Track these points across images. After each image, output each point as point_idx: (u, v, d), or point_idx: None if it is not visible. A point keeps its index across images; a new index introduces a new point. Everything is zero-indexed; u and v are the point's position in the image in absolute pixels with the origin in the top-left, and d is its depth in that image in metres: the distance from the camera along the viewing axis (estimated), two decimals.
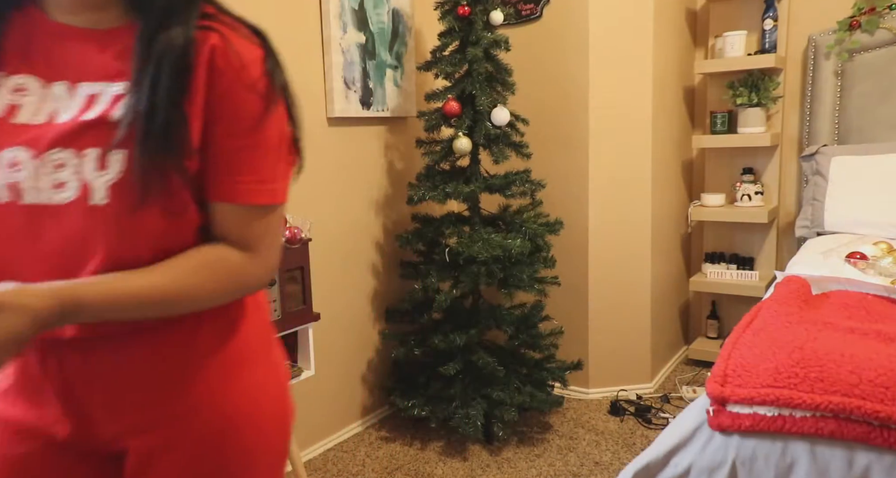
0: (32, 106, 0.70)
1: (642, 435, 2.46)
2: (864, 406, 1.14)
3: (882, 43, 2.70)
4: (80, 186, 0.68)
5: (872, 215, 2.51)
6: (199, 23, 0.73)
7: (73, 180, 0.68)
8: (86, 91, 0.71)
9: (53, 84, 0.71)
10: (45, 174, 0.68)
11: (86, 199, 0.68)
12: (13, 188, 0.68)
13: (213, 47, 0.72)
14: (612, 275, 2.80)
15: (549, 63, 2.74)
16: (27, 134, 0.69)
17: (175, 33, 0.71)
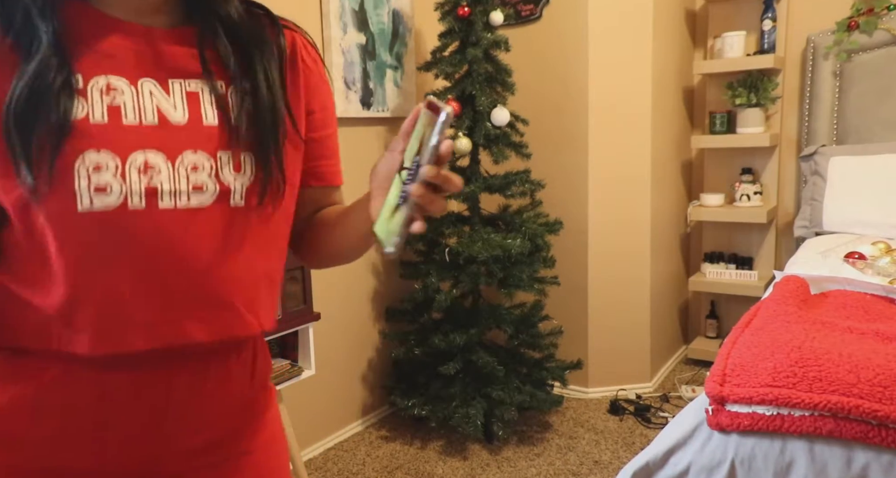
0: (132, 105, 0.66)
1: (641, 434, 2.47)
2: (863, 405, 1.15)
3: (880, 43, 2.71)
4: (218, 189, 0.68)
5: (871, 215, 2.52)
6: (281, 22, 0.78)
7: (211, 183, 0.67)
8: (181, 88, 0.69)
9: (140, 81, 0.67)
10: (183, 177, 0.66)
11: (227, 201, 0.68)
12: (151, 193, 0.65)
13: (296, 44, 0.77)
14: (612, 275, 2.81)
15: (548, 63, 2.75)
16: (149, 135, 0.66)
17: (265, 32, 0.74)
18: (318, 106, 0.79)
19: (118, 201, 0.63)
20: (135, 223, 0.64)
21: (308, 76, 0.78)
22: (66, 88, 0.62)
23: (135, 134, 0.65)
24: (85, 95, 0.64)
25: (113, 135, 0.64)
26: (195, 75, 0.70)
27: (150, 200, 0.64)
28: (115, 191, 0.63)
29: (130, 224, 0.64)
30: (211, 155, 0.67)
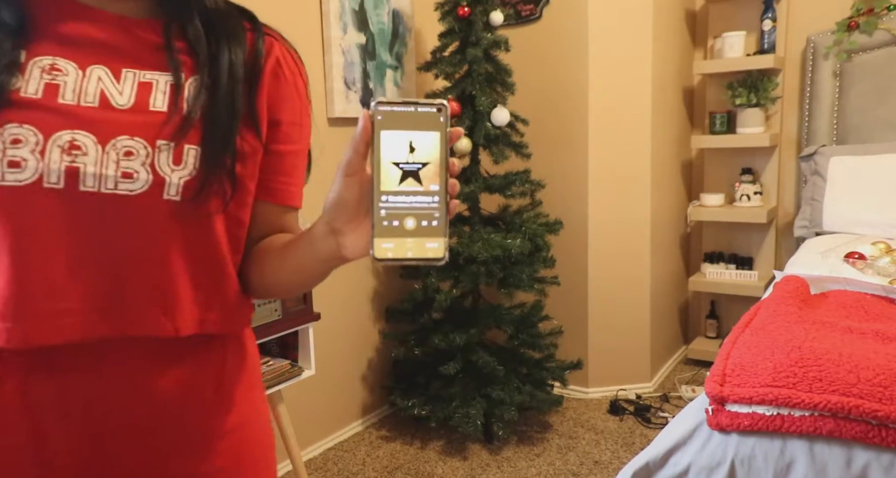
0: (74, 86, 0.64)
1: (641, 434, 2.47)
2: (863, 405, 1.15)
3: (880, 44, 2.71)
4: (151, 179, 0.64)
5: (871, 215, 2.52)
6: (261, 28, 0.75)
7: (144, 171, 0.63)
8: (134, 78, 0.66)
9: (91, 68, 0.65)
10: (113, 161, 0.63)
11: (159, 193, 0.64)
12: (72, 173, 0.62)
13: (275, 51, 0.74)
14: (612, 274, 2.81)
15: (548, 63, 2.75)
16: (83, 116, 0.63)
17: (241, 30, 0.72)
18: (287, 118, 0.75)
19: (32, 178, 0.61)
20: (50, 202, 0.62)
21: (281, 86, 0.74)
22: (10, 66, 0.62)
23: (67, 113, 0.63)
24: (23, 71, 0.63)
25: (42, 111, 0.62)
26: (156, 67, 0.68)
27: (69, 180, 0.62)
28: (30, 167, 0.61)
29: (45, 202, 0.61)
30: (149, 143, 0.64)
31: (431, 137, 0.55)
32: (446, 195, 0.56)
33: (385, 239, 0.55)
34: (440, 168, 0.55)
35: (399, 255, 0.55)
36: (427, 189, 0.56)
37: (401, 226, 0.55)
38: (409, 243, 0.55)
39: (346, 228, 0.59)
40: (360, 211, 0.58)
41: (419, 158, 0.55)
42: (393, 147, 0.55)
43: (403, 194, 0.55)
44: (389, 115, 0.55)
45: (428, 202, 0.56)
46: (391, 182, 0.55)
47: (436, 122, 0.55)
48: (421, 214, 0.56)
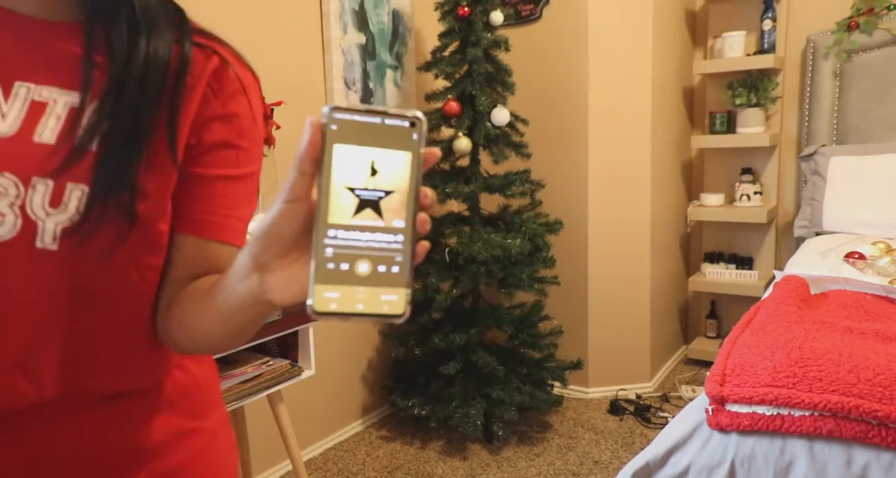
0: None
1: (641, 434, 2.47)
2: (863, 405, 1.15)
3: (880, 43, 2.71)
4: (20, 224, 0.53)
5: (871, 215, 2.52)
6: (196, 39, 0.63)
7: (12, 215, 0.53)
8: (27, 95, 0.56)
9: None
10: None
11: (30, 240, 0.53)
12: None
13: (216, 63, 0.63)
14: (612, 274, 2.81)
15: (548, 63, 2.75)
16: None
17: (165, 46, 0.60)
18: (221, 139, 0.63)
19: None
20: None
21: (216, 102, 0.63)
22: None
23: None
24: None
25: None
26: (60, 82, 0.57)
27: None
28: None
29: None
30: (22, 181, 0.53)
31: (400, 159, 0.44)
32: (413, 234, 0.45)
33: (329, 286, 0.43)
34: (408, 199, 0.44)
35: (346, 308, 0.43)
36: (389, 225, 0.44)
37: (351, 270, 0.43)
38: (360, 294, 0.43)
39: (274, 264, 0.46)
40: (297, 246, 0.46)
41: (382, 185, 0.43)
42: (348, 168, 0.43)
43: (358, 229, 0.43)
44: (347, 125, 0.43)
45: (389, 242, 0.44)
46: (343, 213, 0.43)
47: (407, 139, 0.44)
48: (379, 257, 0.44)
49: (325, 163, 0.43)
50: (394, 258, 0.44)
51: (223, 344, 0.60)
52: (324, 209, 0.43)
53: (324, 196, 0.43)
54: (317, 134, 0.42)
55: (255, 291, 0.48)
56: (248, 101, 0.65)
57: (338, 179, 0.43)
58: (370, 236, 0.44)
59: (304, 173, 0.43)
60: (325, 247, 0.43)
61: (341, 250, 0.43)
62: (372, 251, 0.44)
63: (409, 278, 0.45)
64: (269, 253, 0.46)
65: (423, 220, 0.45)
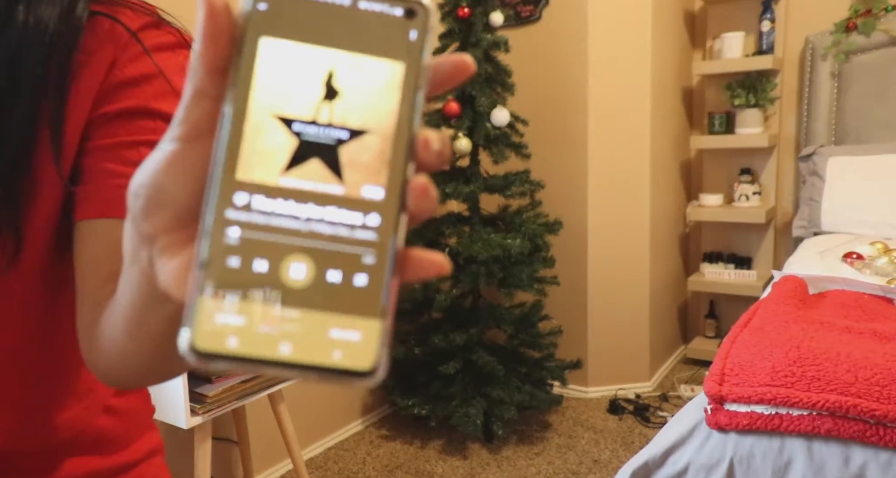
0: None
1: (641, 434, 2.48)
2: (861, 405, 1.16)
3: (878, 45, 2.72)
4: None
5: (869, 215, 2.53)
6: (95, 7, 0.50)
7: None
8: None
9: None
10: None
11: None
12: None
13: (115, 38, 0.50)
14: (611, 274, 2.82)
15: (548, 64, 2.76)
16: None
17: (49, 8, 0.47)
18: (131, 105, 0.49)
19: None
20: None
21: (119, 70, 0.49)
22: None
23: None
24: None
25: None
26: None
27: None
28: None
29: None
30: None
31: (382, 73, 0.25)
32: (399, 215, 0.25)
33: (228, 303, 0.24)
34: (394, 148, 0.25)
35: (255, 350, 0.23)
36: (353, 193, 0.25)
37: (274, 275, 0.24)
38: (287, 323, 0.24)
39: (165, 241, 0.27)
40: (195, 213, 0.27)
41: (346, 118, 0.25)
42: (284, 83, 0.25)
43: (293, 197, 0.24)
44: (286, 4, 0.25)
45: (352, 225, 0.25)
46: (266, 163, 0.24)
47: (398, 39, 0.25)
48: (330, 253, 0.24)
49: (240, 70, 0.24)
50: (359, 258, 0.24)
51: (145, 368, 0.41)
52: (227, 154, 0.24)
53: (230, 130, 0.24)
54: (223, 17, 0.24)
55: (148, 277, 0.29)
56: (165, 59, 0.51)
57: (262, 100, 0.24)
58: (315, 212, 0.24)
59: (203, 93, 0.25)
60: (226, 225, 0.24)
61: (256, 235, 0.24)
62: (318, 241, 0.24)
63: (385, 299, 0.25)
64: (153, 221, 0.27)
65: (420, 188, 0.25)
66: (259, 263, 0.24)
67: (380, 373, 0.24)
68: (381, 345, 0.24)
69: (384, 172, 0.25)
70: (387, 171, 0.25)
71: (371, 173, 0.25)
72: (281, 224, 0.24)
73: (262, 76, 0.24)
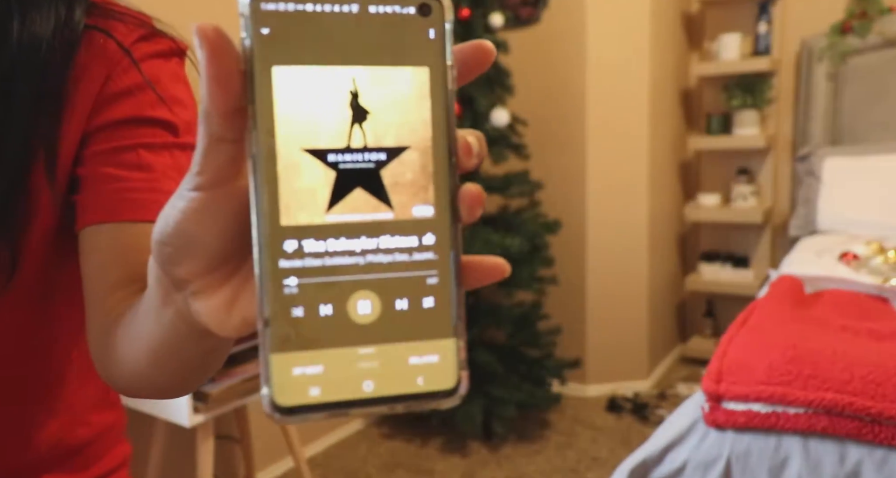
0: None
1: (639, 432, 2.50)
2: (856, 403, 1.17)
3: (874, 46, 2.74)
4: None
5: (865, 215, 2.55)
6: (89, 21, 0.49)
7: None
8: None
9: None
10: None
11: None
12: None
13: (106, 52, 0.49)
14: (610, 274, 2.83)
15: (547, 65, 2.77)
16: None
17: (44, 24, 0.46)
18: (129, 113, 0.49)
19: None
20: None
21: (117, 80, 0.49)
22: None
23: None
24: None
25: None
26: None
27: None
28: None
29: None
30: None
31: (408, 81, 0.24)
32: (455, 226, 0.25)
33: (301, 354, 0.23)
34: (436, 159, 0.24)
35: (340, 393, 0.23)
36: (404, 215, 0.24)
37: (341, 315, 0.23)
38: (364, 361, 0.23)
39: (200, 284, 0.27)
40: (231, 256, 0.27)
41: (379, 137, 0.24)
42: (307, 112, 0.23)
43: (343, 233, 0.24)
44: (290, 23, 0.23)
45: (409, 250, 0.24)
46: (308, 204, 0.23)
47: (418, 40, 0.24)
48: (392, 282, 0.24)
49: (258, 108, 0.23)
50: (423, 280, 0.24)
51: (167, 390, 0.41)
52: (266, 201, 0.23)
53: (263, 175, 0.23)
54: (227, 54, 0.22)
55: (186, 319, 0.29)
56: (158, 66, 0.51)
57: (289, 136, 0.23)
58: (370, 243, 0.24)
59: (221, 138, 0.23)
60: (282, 276, 0.23)
61: (314, 279, 0.23)
62: (378, 273, 0.24)
63: (456, 316, 0.24)
64: (185, 268, 0.26)
65: (472, 196, 0.25)
66: (324, 308, 0.23)
67: (462, 389, 0.24)
68: (459, 361, 0.24)
69: (430, 187, 0.24)
70: (433, 186, 0.24)
71: (418, 191, 0.24)
72: (337, 263, 0.23)
73: (284, 109, 0.23)
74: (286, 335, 0.23)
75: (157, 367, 0.36)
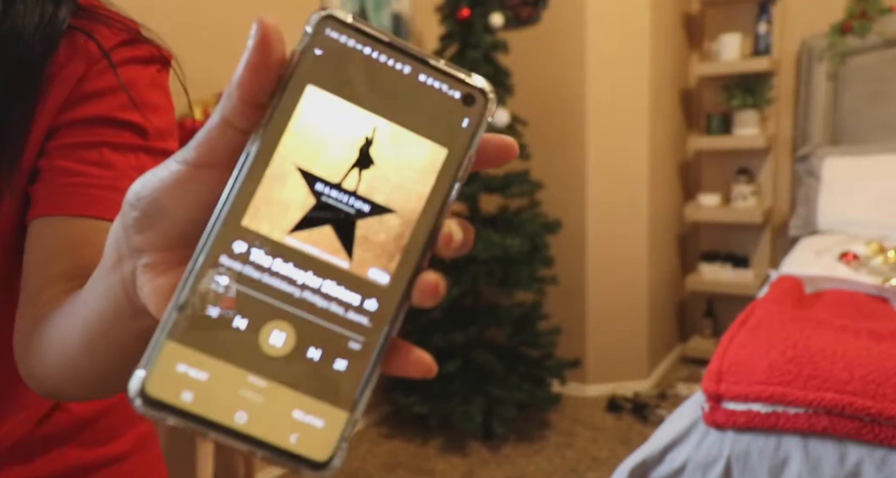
0: None
1: (639, 432, 2.50)
2: (856, 403, 1.17)
3: (874, 46, 2.74)
4: None
5: (865, 215, 2.55)
6: (74, 21, 0.50)
7: None
8: None
9: None
10: None
11: None
12: None
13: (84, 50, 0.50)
14: (610, 274, 2.84)
15: (547, 65, 2.78)
16: None
17: (27, 18, 0.47)
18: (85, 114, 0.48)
19: None
20: None
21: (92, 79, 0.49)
22: None
23: None
24: None
25: None
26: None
27: None
28: None
29: None
30: None
31: (426, 154, 0.24)
32: (400, 307, 0.26)
33: (192, 352, 0.22)
34: (414, 234, 0.24)
35: (210, 410, 0.22)
36: (360, 273, 0.24)
37: (251, 336, 0.23)
38: (250, 392, 0.22)
39: (153, 257, 0.27)
40: (191, 240, 0.26)
41: (373, 190, 0.24)
42: (319, 137, 0.23)
43: (293, 260, 0.23)
44: (342, 55, 0.24)
45: (348, 307, 0.24)
46: (276, 217, 0.23)
47: (450, 122, 0.24)
48: (318, 330, 0.23)
49: (276, 112, 0.23)
50: (346, 342, 0.24)
51: (95, 384, 0.38)
52: (239, 196, 0.23)
53: (249, 171, 0.23)
54: (275, 50, 0.23)
55: (127, 289, 0.28)
56: (135, 72, 0.51)
57: (290, 149, 0.23)
58: (313, 281, 0.23)
59: (230, 123, 0.24)
60: (216, 270, 0.22)
61: (244, 289, 0.23)
62: (307, 313, 0.23)
63: (359, 394, 0.24)
64: (145, 235, 0.26)
65: (430, 285, 0.25)
66: (239, 321, 0.22)
67: (333, 466, 0.23)
68: (343, 438, 0.23)
69: (397, 257, 0.24)
70: (399, 257, 0.24)
71: (383, 256, 0.24)
72: (274, 284, 0.23)
73: (298, 124, 0.23)
74: (189, 328, 0.22)
75: (88, 351, 0.35)
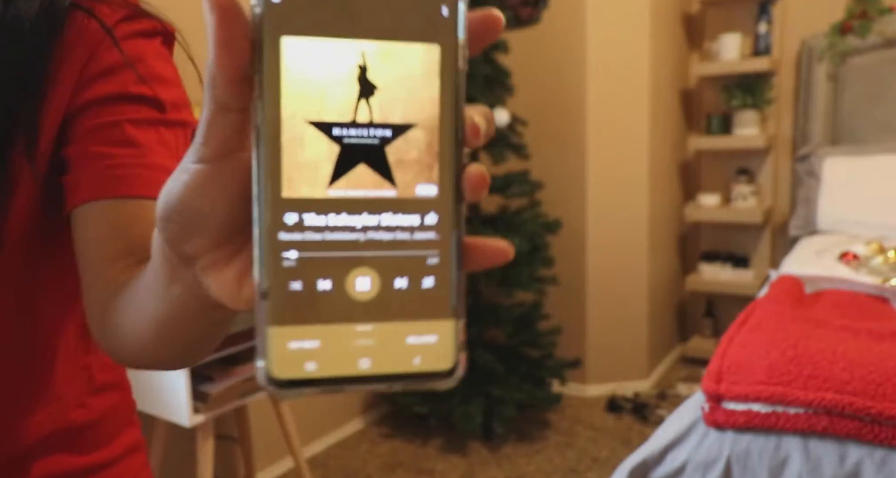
0: None
1: (639, 432, 2.50)
2: (856, 403, 1.17)
3: (874, 46, 2.74)
4: None
5: (865, 215, 2.55)
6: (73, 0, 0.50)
7: None
8: None
9: None
10: None
11: None
12: None
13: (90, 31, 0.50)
14: (610, 274, 2.84)
15: (547, 65, 2.78)
16: None
17: (29, 5, 0.47)
18: (113, 90, 0.48)
19: None
20: None
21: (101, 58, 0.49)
22: None
23: None
24: None
25: None
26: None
27: None
28: None
29: None
30: None
31: (418, 58, 0.24)
32: (458, 208, 0.25)
33: (297, 328, 0.23)
34: (442, 138, 0.24)
35: (336, 369, 0.23)
36: (407, 193, 0.24)
37: (339, 292, 0.23)
38: (361, 338, 0.23)
39: (209, 259, 0.27)
40: (240, 229, 0.26)
41: (387, 113, 0.23)
42: (315, 85, 0.23)
43: (345, 209, 0.23)
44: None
45: (411, 229, 0.24)
46: (311, 177, 0.23)
47: (429, 17, 0.24)
48: (393, 261, 0.24)
49: (264, 78, 0.22)
50: (424, 260, 0.24)
51: (172, 361, 0.41)
52: (268, 173, 0.23)
53: (267, 146, 0.23)
54: (236, 19, 0.22)
55: (196, 294, 0.29)
56: (141, 45, 0.51)
57: (295, 108, 0.23)
58: (371, 220, 0.24)
59: (226, 106, 0.23)
60: (281, 249, 0.23)
61: (313, 254, 0.23)
62: (378, 250, 0.24)
63: (456, 297, 0.24)
64: (193, 243, 0.26)
65: (477, 177, 0.25)
66: (323, 283, 0.23)
67: (459, 371, 0.24)
68: (458, 343, 0.24)
69: (435, 166, 0.24)
70: (438, 165, 0.24)
71: (422, 170, 0.24)
72: (337, 238, 0.23)
73: (290, 81, 0.22)
74: (283, 309, 0.23)
75: (164, 340, 0.36)
